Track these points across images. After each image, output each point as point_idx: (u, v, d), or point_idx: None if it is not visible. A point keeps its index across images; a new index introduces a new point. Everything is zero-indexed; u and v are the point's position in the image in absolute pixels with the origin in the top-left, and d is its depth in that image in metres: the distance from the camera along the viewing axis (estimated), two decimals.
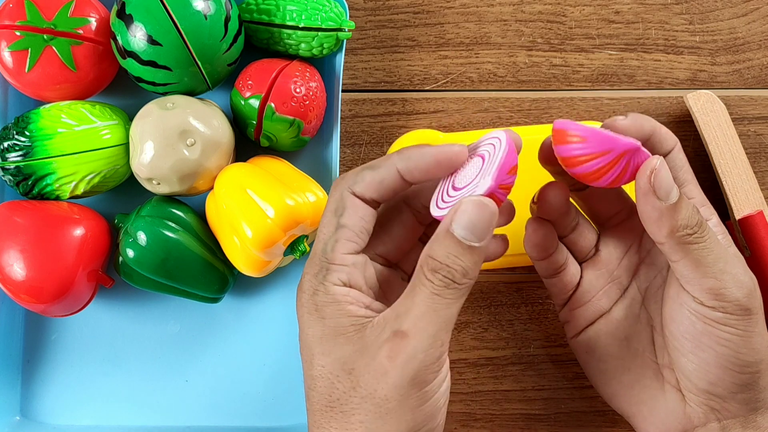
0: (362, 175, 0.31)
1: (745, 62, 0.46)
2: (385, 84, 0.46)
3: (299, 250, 0.40)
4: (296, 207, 0.38)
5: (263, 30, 0.41)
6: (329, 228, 0.31)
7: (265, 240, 0.38)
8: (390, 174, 0.31)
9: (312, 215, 0.39)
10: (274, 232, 0.38)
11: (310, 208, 0.39)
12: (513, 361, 0.45)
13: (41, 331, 0.44)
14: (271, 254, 0.39)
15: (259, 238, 0.38)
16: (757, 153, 0.46)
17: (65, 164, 0.39)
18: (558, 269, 0.37)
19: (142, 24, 0.38)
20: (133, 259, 0.39)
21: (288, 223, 0.38)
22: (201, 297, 0.42)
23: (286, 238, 0.39)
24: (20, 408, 0.44)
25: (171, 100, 0.40)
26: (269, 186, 0.38)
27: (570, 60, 0.46)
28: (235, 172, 0.39)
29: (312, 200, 0.39)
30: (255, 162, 0.41)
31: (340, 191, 0.31)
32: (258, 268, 0.40)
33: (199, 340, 0.44)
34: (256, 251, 0.38)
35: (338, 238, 0.30)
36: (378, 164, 0.31)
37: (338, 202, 0.31)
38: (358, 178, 0.31)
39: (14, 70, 0.39)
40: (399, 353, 0.28)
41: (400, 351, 0.28)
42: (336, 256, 0.30)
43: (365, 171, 0.31)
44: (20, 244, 0.39)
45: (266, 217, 0.37)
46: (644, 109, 0.46)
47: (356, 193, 0.31)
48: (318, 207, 0.39)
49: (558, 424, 0.45)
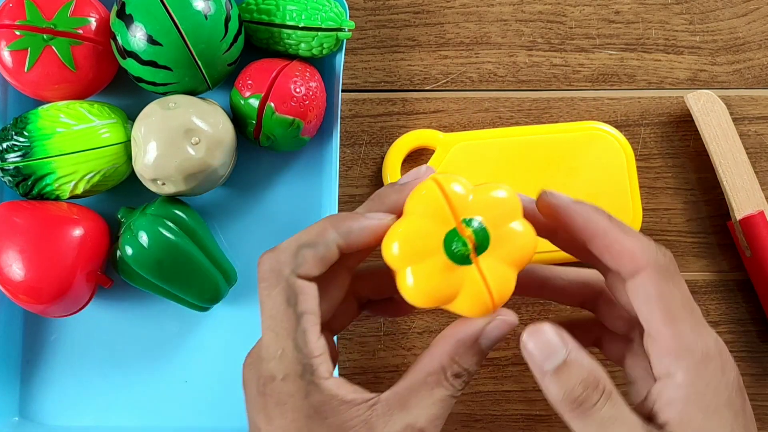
0: (303, 256, 0.29)
1: (745, 62, 0.46)
2: (385, 84, 0.46)
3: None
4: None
5: (263, 30, 0.41)
6: (289, 321, 0.29)
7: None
8: (330, 251, 0.29)
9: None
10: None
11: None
12: (514, 361, 0.45)
13: (40, 332, 0.44)
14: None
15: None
16: (758, 153, 0.46)
17: (64, 164, 0.39)
18: (593, 343, 0.36)
19: (142, 24, 0.38)
20: (131, 257, 0.39)
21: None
22: (190, 304, 0.42)
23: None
24: (19, 408, 0.44)
25: (173, 100, 0.40)
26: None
27: (570, 60, 0.46)
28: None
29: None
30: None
31: (285, 278, 0.29)
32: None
33: (199, 340, 0.44)
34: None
35: (306, 329, 0.29)
36: (315, 240, 0.29)
37: (287, 291, 0.29)
38: (300, 260, 0.29)
39: (14, 70, 0.39)
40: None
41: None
42: (312, 349, 0.29)
43: (304, 250, 0.29)
44: (19, 244, 0.38)
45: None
46: (644, 109, 0.46)
47: (301, 275, 0.29)
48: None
49: (558, 424, 0.44)
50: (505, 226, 0.28)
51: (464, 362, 0.29)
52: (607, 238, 0.29)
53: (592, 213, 0.30)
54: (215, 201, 0.45)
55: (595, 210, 0.30)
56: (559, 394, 0.28)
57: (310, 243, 0.29)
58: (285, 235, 0.44)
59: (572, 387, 0.28)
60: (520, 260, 0.28)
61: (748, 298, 0.45)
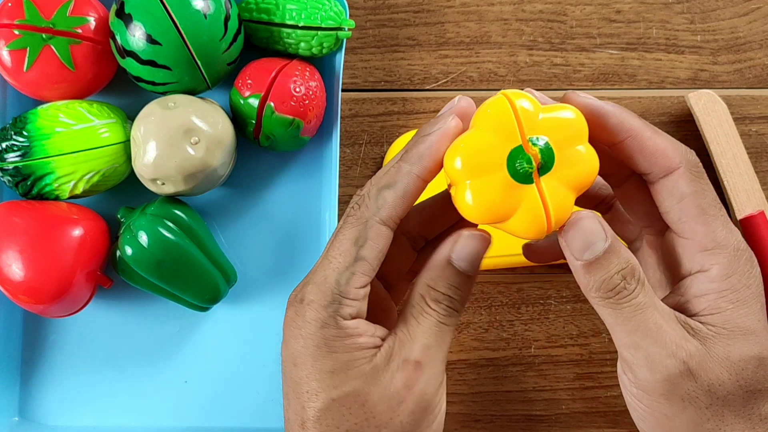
0: (383, 198, 0.29)
1: (746, 62, 0.46)
2: (385, 83, 0.46)
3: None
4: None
5: (263, 29, 0.41)
6: (347, 258, 0.29)
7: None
8: (410, 185, 0.30)
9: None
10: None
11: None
12: (514, 361, 0.45)
13: (40, 332, 0.44)
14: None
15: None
16: (759, 153, 0.46)
17: (64, 164, 0.39)
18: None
19: (141, 23, 0.38)
20: (131, 257, 0.39)
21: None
22: (190, 304, 0.42)
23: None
24: (19, 409, 0.44)
25: (172, 100, 0.40)
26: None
27: (571, 59, 0.46)
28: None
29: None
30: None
31: (364, 221, 0.30)
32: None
33: (199, 340, 0.44)
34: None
35: (355, 271, 0.29)
36: (393, 180, 0.30)
37: (361, 231, 0.29)
38: (380, 203, 0.29)
39: (13, 70, 0.39)
40: (415, 382, 0.29)
41: (417, 380, 0.29)
42: (350, 291, 0.29)
43: (384, 192, 0.30)
44: (19, 244, 0.38)
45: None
46: (645, 109, 0.46)
47: (383, 220, 0.30)
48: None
49: (559, 424, 0.44)
50: (571, 148, 0.28)
51: (440, 286, 0.30)
52: (641, 137, 0.29)
53: (624, 113, 0.30)
54: (215, 201, 0.44)
55: (626, 110, 0.30)
56: (596, 283, 0.28)
57: (388, 184, 0.30)
58: (285, 235, 0.45)
59: (610, 276, 0.28)
60: (581, 184, 0.28)
61: None
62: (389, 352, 0.30)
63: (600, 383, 0.45)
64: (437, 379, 0.30)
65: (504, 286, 0.45)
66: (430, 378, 0.29)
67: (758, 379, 0.29)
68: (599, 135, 0.30)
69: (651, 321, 0.28)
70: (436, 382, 0.30)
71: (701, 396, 0.28)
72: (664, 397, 0.28)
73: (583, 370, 0.45)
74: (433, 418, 0.30)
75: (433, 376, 0.30)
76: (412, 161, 0.30)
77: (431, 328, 0.30)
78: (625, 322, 0.28)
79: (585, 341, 0.45)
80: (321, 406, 0.29)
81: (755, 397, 0.29)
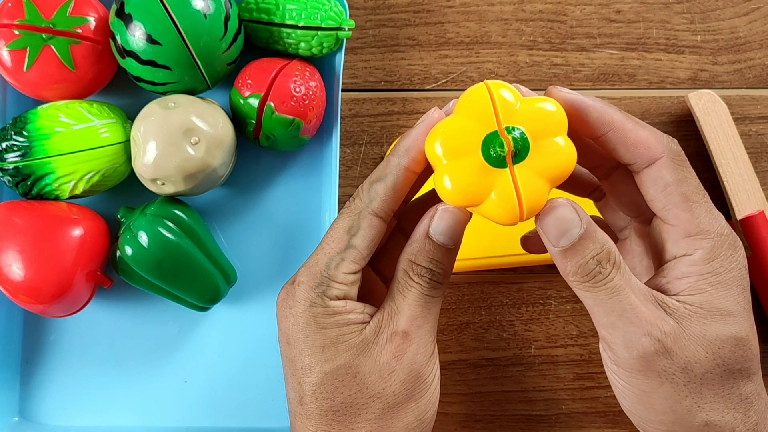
0: (374, 191, 0.31)
1: (746, 62, 0.46)
2: (385, 83, 0.46)
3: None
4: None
5: (263, 29, 0.41)
6: (338, 245, 0.31)
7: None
8: (399, 177, 0.31)
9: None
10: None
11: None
12: (514, 361, 0.45)
13: (40, 332, 0.44)
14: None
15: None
16: (759, 153, 0.46)
17: (64, 164, 0.39)
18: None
19: (141, 23, 0.38)
20: (131, 257, 0.39)
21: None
22: (189, 304, 0.42)
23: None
24: (19, 409, 0.44)
25: (172, 100, 0.39)
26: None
27: (571, 59, 0.46)
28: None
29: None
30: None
31: (357, 211, 0.31)
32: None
33: (198, 340, 0.44)
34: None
35: (344, 258, 0.31)
36: (383, 173, 0.31)
37: (354, 221, 0.31)
38: (372, 195, 0.31)
39: (13, 69, 0.39)
40: (404, 352, 0.30)
41: (405, 350, 0.30)
42: (338, 275, 0.31)
43: (375, 185, 0.31)
44: (19, 244, 0.38)
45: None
46: (645, 109, 0.46)
47: (374, 211, 0.31)
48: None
49: (559, 425, 0.44)
50: (548, 139, 0.28)
51: (421, 260, 0.31)
52: (622, 129, 0.30)
53: (605, 106, 0.30)
54: (215, 201, 0.44)
55: (608, 104, 0.31)
56: (572, 268, 0.29)
57: (379, 177, 0.31)
58: (285, 235, 0.45)
59: (586, 261, 0.29)
60: (556, 175, 0.29)
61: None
62: (378, 326, 0.31)
63: (600, 383, 0.44)
64: (426, 348, 0.31)
65: (504, 286, 0.45)
66: (419, 348, 0.31)
67: (736, 359, 0.30)
68: (582, 129, 0.31)
69: (626, 302, 0.29)
70: (425, 351, 0.31)
71: (678, 373, 0.29)
72: (642, 373, 0.29)
73: (583, 370, 0.45)
74: (426, 387, 0.31)
75: (422, 346, 0.31)
76: (400, 154, 0.31)
77: (416, 300, 0.31)
78: (602, 303, 0.29)
79: (585, 341, 0.45)
80: (315, 381, 0.30)
81: (734, 377, 0.30)
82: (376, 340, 0.30)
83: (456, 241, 0.31)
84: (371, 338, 0.30)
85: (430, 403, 0.31)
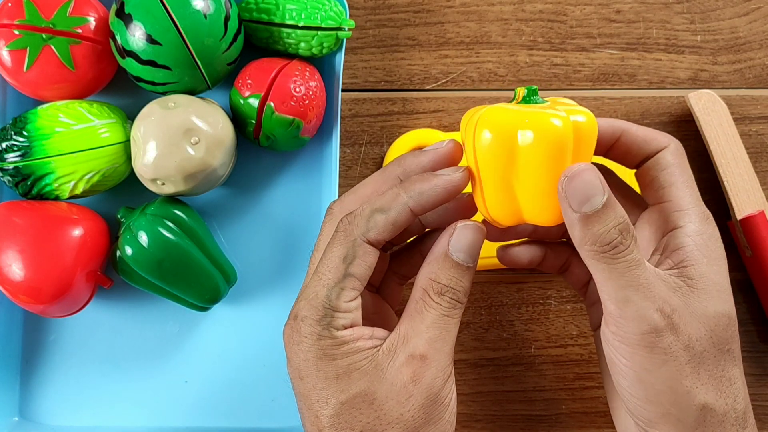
0: (374, 221, 0.31)
1: (746, 62, 0.46)
2: (385, 83, 0.46)
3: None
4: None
5: (263, 29, 0.41)
6: (335, 274, 0.31)
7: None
8: (402, 215, 0.31)
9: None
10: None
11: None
12: (514, 361, 0.45)
13: (40, 332, 0.44)
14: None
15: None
16: (759, 153, 0.46)
17: (64, 164, 0.39)
18: (560, 269, 0.37)
19: (141, 23, 0.38)
20: (131, 257, 0.39)
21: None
22: (190, 304, 0.42)
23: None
24: (19, 408, 0.44)
25: (172, 100, 0.39)
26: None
27: (571, 59, 0.46)
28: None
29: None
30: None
31: (352, 240, 0.31)
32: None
33: (199, 340, 0.44)
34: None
35: (344, 287, 0.31)
36: (387, 206, 0.31)
37: (349, 249, 0.31)
38: (371, 224, 0.31)
39: (12, 70, 0.39)
40: (422, 376, 0.30)
41: (423, 374, 0.30)
42: (341, 305, 0.30)
43: (376, 215, 0.31)
44: (19, 244, 0.38)
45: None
46: (645, 109, 0.46)
47: (370, 241, 0.31)
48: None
49: (559, 424, 0.44)
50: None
51: (442, 278, 0.31)
52: (632, 131, 0.34)
53: (611, 119, 0.34)
54: (215, 201, 0.44)
55: (611, 119, 0.35)
56: (592, 237, 0.29)
57: (383, 208, 0.31)
58: (285, 235, 0.45)
59: (608, 230, 0.29)
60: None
61: (748, 298, 0.45)
62: (391, 349, 0.30)
63: (600, 383, 0.44)
64: (445, 372, 0.30)
65: (504, 286, 0.45)
66: (438, 371, 0.30)
67: (726, 338, 0.30)
68: (598, 145, 0.33)
69: (642, 277, 0.29)
70: (443, 375, 0.30)
71: (680, 351, 0.29)
72: (648, 349, 0.29)
73: (583, 370, 0.45)
74: (444, 408, 0.31)
75: (440, 369, 0.30)
76: (412, 195, 0.31)
77: (436, 321, 0.30)
78: (618, 277, 0.29)
79: (585, 341, 0.45)
80: (332, 412, 0.30)
81: (725, 359, 0.30)
82: (391, 364, 0.30)
83: (475, 259, 0.31)
84: (385, 362, 0.30)
85: (448, 424, 0.31)
